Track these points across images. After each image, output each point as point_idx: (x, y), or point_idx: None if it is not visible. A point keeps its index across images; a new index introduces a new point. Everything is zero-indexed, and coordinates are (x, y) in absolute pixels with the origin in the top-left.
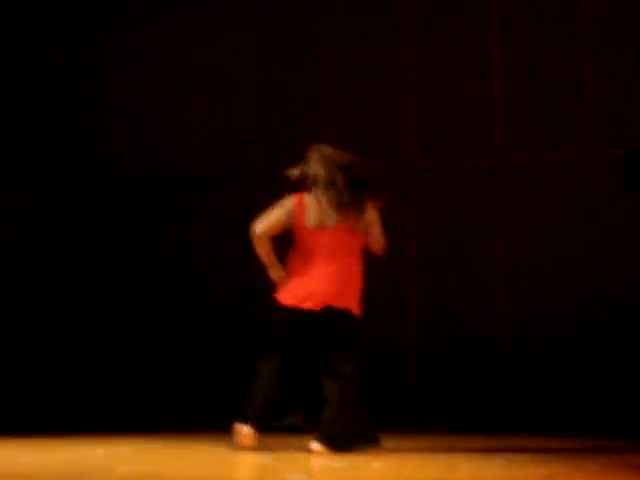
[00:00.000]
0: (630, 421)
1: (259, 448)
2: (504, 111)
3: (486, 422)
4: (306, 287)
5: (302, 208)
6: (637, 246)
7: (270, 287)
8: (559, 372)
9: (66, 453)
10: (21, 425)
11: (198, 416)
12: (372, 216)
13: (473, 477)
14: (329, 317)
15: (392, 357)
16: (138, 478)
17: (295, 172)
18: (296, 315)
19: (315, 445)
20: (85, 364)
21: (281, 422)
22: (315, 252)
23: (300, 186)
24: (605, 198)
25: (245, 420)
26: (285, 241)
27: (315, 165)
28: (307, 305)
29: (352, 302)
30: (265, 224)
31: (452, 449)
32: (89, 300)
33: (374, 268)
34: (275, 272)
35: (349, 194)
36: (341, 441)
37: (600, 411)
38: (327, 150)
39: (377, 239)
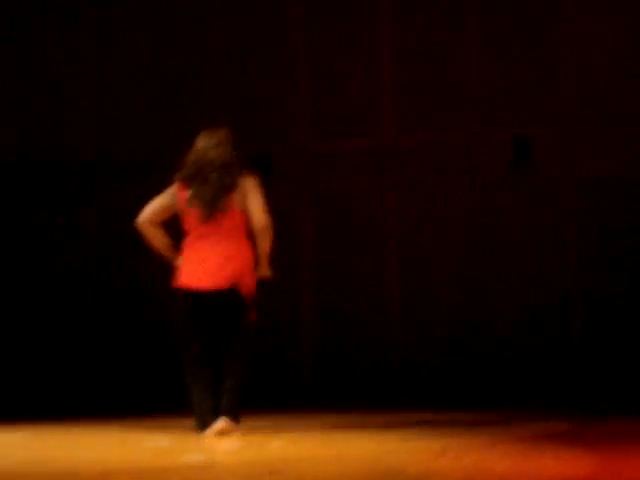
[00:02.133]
0: (518, 393)
1: (157, 430)
2: (392, 94)
3: (383, 400)
4: (192, 269)
5: (184, 193)
6: (525, 224)
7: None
8: (448, 347)
9: None
10: None
11: (93, 402)
12: (246, 189)
13: (367, 451)
14: (217, 297)
15: (288, 341)
16: (36, 464)
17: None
18: (188, 296)
19: (223, 422)
20: None
21: None
22: (198, 235)
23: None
24: (492, 179)
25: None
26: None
27: (187, 156)
28: (195, 285)
29: (238, 280)
30: (147, 211)
31: (348, 427)
32: None
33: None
34: (170, 259)
35: (214, 183)
36: (238, 415)
37: (490, 385)
38: (199, 140)
39: (254, 212)
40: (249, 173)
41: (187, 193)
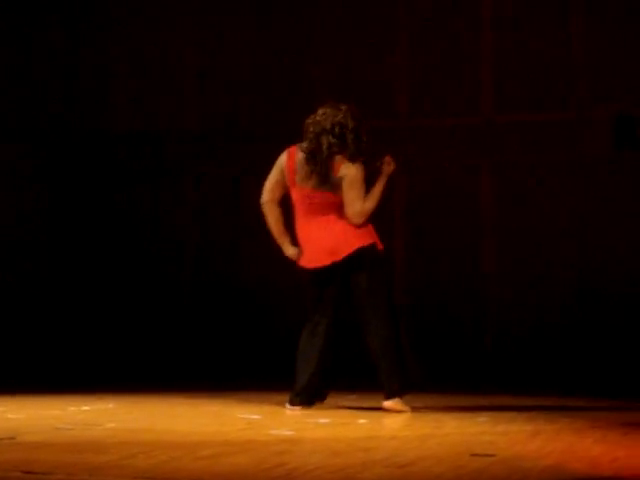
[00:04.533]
0: (616, 381)
1: (248, 404)
2: (492, 71)
3: (472, 382)
4: (307, 247)
5: (292, 163)
6: (625, 205)
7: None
8: (550, 334)
9: (54, 409)
10: (9, 383)
11: (184, 374)
12: (344, 177)
13: (458, 432)
14: (344, 268)
15: None
16: (127, 432)
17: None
18: (310, 275)
19: (387, 402)
20: (74, 322)
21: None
22: (304, 210)
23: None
24: (591, 158)
25: (293, 403)
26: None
27: (307, 124)
28: (312, 265)
29: (360, 242)
30: (265, 189)
31: (437, 407)
32: (81, 259)
33: None
34: (284, 247)
35: (321, 159)
36: (410, 385)
37: (589, 371)
38: (322, 112)
39: (348, 203)
40: (358, 160)
41: (295, 163)
